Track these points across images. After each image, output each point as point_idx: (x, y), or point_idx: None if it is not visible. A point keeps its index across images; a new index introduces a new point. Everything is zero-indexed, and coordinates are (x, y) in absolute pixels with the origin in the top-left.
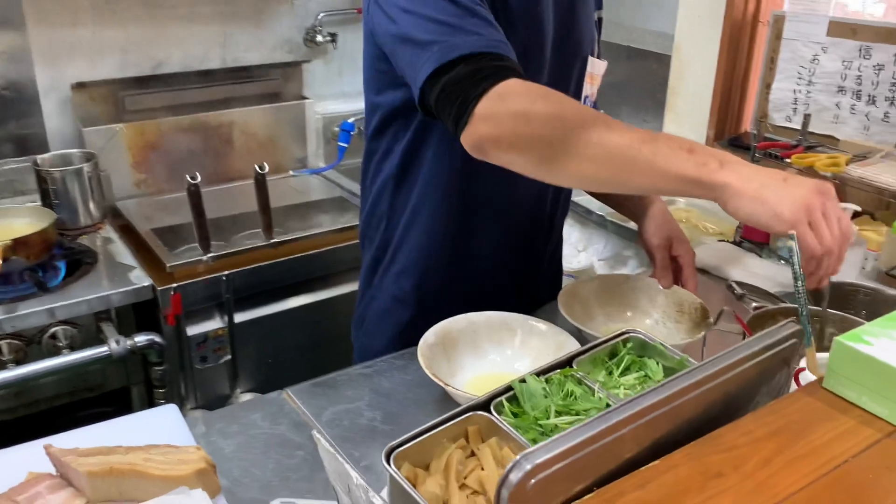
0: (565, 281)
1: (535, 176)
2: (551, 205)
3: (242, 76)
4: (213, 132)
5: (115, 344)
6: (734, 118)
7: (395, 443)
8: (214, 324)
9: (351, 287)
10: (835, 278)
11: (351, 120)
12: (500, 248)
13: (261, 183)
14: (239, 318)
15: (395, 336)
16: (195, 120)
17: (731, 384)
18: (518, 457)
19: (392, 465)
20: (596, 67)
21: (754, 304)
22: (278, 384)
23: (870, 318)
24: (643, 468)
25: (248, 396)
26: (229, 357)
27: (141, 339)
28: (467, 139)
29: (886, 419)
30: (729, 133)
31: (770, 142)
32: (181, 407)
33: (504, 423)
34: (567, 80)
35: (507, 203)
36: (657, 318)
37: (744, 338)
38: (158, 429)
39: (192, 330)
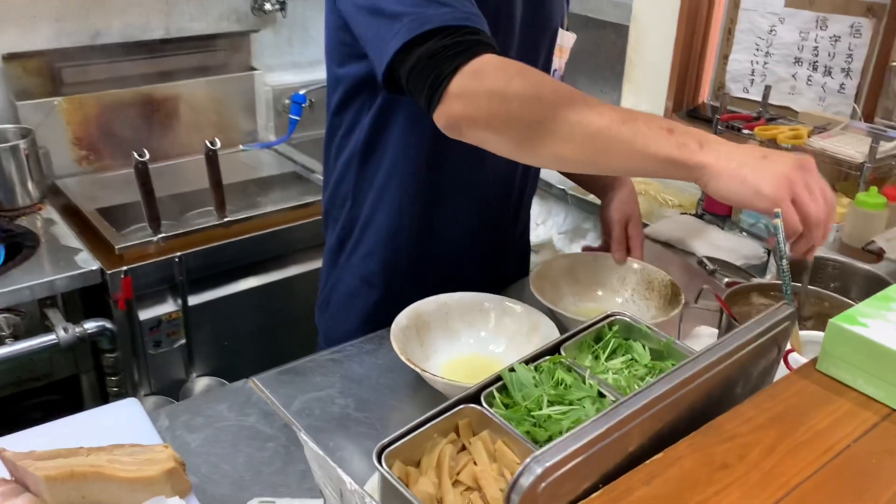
0: None
1: (511, 156)
2: (520, 181)
3: (187, 47)
4: (158, 106)
5: (62, 332)
6: (692, 89)
7: (385, 441)
8: (168, 307)
9: (309, 266)
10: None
11: (302, 91)
12: (470, 225)
13: (212, 160)
14: (193, 300)
15: (363, 319)
16: (138, 93)
17: (731, 369)
18: (528, 460)
19: (384, 464)
20: (565, 40)
21: (726, 280)
22: (236, 367)
23: (840, 291)
24: (648, 462)
25: (205, 381)
26: (184, 341)
27: (90, 325)
28: (441, 118)
29: (882, 401)
30: (687, 104)
31: (732, 114)
32: (135, 394)
33: (496, 415)
34: (536, 53)
35: (477, 179)
36: (627, 297)
37: (721, 315)
38: (119, 425)
39: (145, 314)
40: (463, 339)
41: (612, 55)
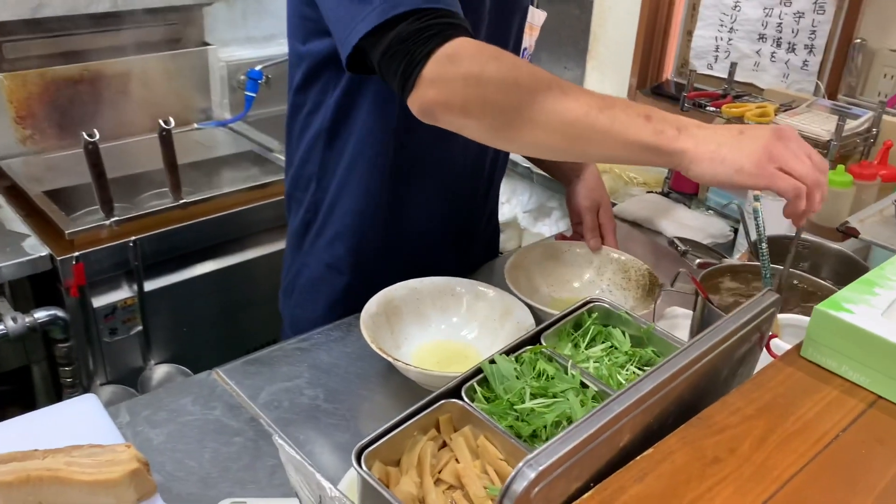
0: None
1: (487, 142)
2: (490, 163)
3: (137, 20)
4: (107, 82)
5: (11, 322)
6: (656, 66)
7: (363, 442)
8: (123, 293)
9: (269, 248)
10: (769, 231)
11: (258, 67)
12: (439, 208)
13: (166, 140)
14: (149, 286)
15: (330, 305)
16: (85, 69)
17: (718, 359)
18: (521, 464)
19: (363, 466)
20: (536, 17)
21: (698, 261)
22: (196, 354)
23: (811, 271)
24: (639, 458)
25: (164, 368)
26: (141, 328)
27: (41, 314)
28: (415, 103)
29: (868, 388)
30: (651, 81)
31: (698, 91)
32: (90, 384)
33: (477, 409)
34: (507, 31)
35: (448, 161)
36: (604, 288)
37: (696, 297)
38: (77, 423)
39: (99, 301)
40: (434, 324)
41: (575, 31)
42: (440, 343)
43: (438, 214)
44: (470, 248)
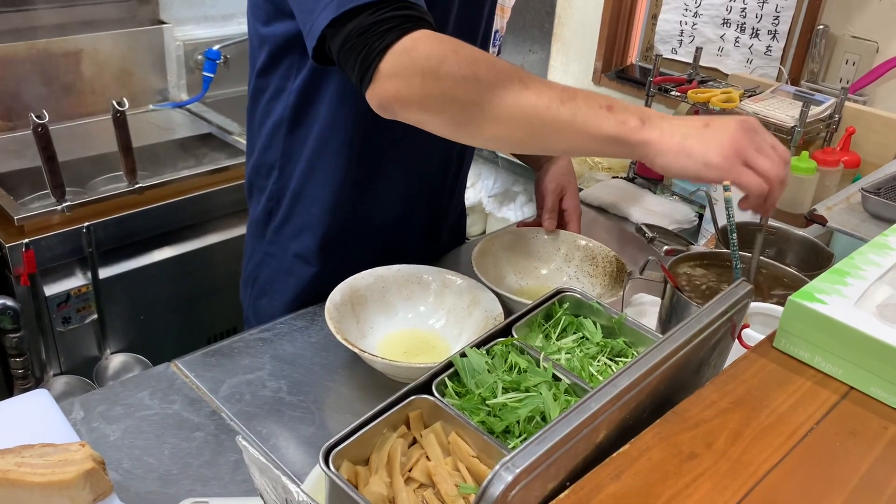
0: None
1: (449, 137)
2: (459, 152)
3: None
4: (58, 62)
5: None
6: (621, 50)
7: (331, 441)
8: (76, 281)
9: (229, 234)
10: (736, 218)
11: (216, 47)
12: (408, 195)
13: (120, 121)
14: (104, 273)
15: (296, 295)
16: (33, 47)
17: (692, 352)
18: (497, 467)
19: (331, 466)
20: None
21: (665, 248)
22: (154, 343)
23: (777, 258)
24: (615, 455)
25: (121, 357)
26: (95, 316)
27: None
28: (373, 98)
29: (841, 379)
30: (616, 65)
31: (663, 76)
32: (43, 374)
33: (449, 405)
34: (479, 13)
35: (416, 147)
36: (571, 275)
37: (665, 285)
38: (28, 420)
39: (51, 289)
40: (401, 313)
41: (540, 14)
42: (407, 332)
43: (407, 201)
44: (438, 235)
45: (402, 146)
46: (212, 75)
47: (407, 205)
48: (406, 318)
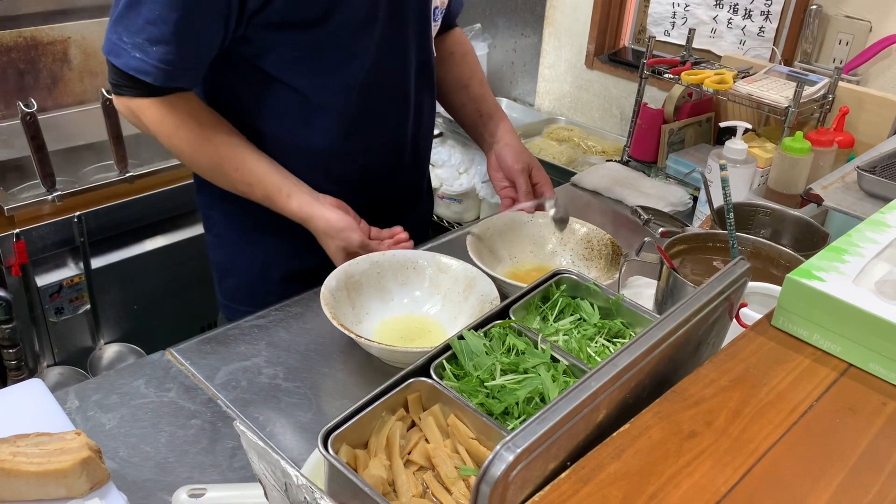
0: (448, 204)
1: None
2: (412, 139)
3: None
4: (45, 50)
5: None
6: (613, 32)
7: (330, 425)
8: (69, 271)
9: None
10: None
11: None
12: (365, 193)
13: (110, 110)
14: (96, 262)
15: (268, 301)
16: (20, 35)
17: (691, 331)
18: (498, 447)
19: (330, 450)
20: None
21: (661, 230)
22: (149, 332)
23: (773, 238)
24: (615, 434)
25: (115, 347)
26: (89, 307)
27: None
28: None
29: (839, 356)
30: (608, 48)
31: (657, 58)
32: (37, 365)
33: (447, 387)
34: None
35: (368, 142)
36: (567, 258)
37: (661, 266)
38: (22, 410)
39: (43, 280)
40: (396, 298)
41: None
42: (403, 318)
43: (364, 198)
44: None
45: (376, 129)
46: None
47: (364, 201)
48: (402, 303)
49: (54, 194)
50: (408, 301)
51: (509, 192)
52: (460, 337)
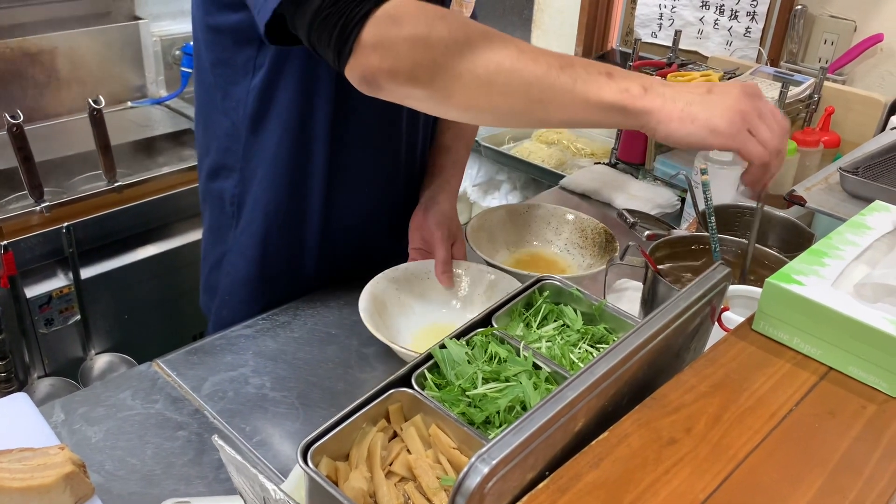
0: None
1: (437, 112)
2: (423, 138)
3: None
4: (33, 60)
5: None
6: (601, 34)
7: (310, 438)
8: (58, 282)
9: None
10: (716, 201)
11: None
12: (372, 193)
13: (97, 119)
14: (86, 273)
15: (263, 306)
16: (6, 46)
17: (671, 336)
18: (473, 459)
19: (310, 463)
20: None
21: (647, 233)
22: (139, 342)
23: (759, 240)
24: (594, 442)
25: (106, 358)
26: (79, 317)
27: None
28: (355, 72)
29: (820, 360)
30: (596, 50)
31: (643, 60)
32: (27, 377)
33: (428, 397)
34: None
35: (384, 140)
36: (562, 246)
37: (647, 270)
38: (5, 426)
39: (32, 291)
40: (418, 311)
41: None
42: (428, 327)
43: (372, 199)
44: (402, 231)
45: (370, 142)
46: (190, 70)
47: (372, 202)
48: (423, 314)
49: (42, 205)
50: (430, 310)
51: (418, 254)
52: (442, 346)
